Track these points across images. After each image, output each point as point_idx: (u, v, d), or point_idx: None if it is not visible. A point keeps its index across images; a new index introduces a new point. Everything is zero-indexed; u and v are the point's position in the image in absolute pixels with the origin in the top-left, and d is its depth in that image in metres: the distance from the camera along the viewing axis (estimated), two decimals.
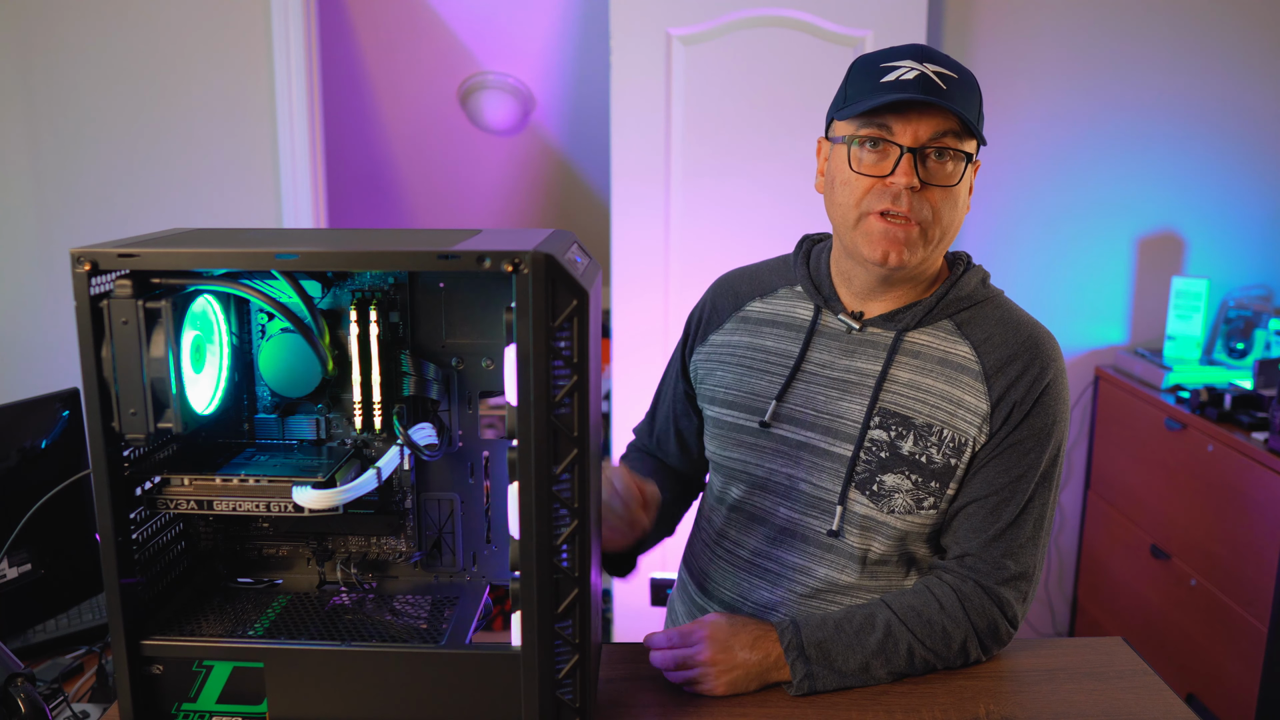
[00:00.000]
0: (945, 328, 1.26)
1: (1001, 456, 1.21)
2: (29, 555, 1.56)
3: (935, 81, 1.15)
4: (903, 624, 1.19)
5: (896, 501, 1.22)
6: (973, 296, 1.27)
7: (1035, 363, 1.22)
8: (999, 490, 1.21)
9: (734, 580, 1.34)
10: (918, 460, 1.22)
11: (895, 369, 1.25)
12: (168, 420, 0.98)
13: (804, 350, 1.30)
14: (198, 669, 1.03)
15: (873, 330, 1.27)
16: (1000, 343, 1.23)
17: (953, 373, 1.23)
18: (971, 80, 1.20)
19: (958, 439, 1.22)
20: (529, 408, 0.93)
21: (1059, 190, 2.90)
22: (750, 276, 1.41)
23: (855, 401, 1.25)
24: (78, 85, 2.71)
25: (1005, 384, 1.21)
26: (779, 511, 1.30)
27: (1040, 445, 1.22)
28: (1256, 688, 2.22)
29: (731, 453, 1.34)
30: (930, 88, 1.14)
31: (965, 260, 1.30)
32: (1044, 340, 1.24)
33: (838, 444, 1.25)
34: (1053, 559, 3.12)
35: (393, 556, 1.19)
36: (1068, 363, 2.99)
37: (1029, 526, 1.22)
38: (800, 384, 1.29)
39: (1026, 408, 1.21)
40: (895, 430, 1.23)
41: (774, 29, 2.70)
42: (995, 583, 1.21)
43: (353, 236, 1.09)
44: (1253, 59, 2.83)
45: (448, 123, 4.02)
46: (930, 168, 1.17)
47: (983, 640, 1.21)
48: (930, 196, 1.17)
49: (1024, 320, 1.26)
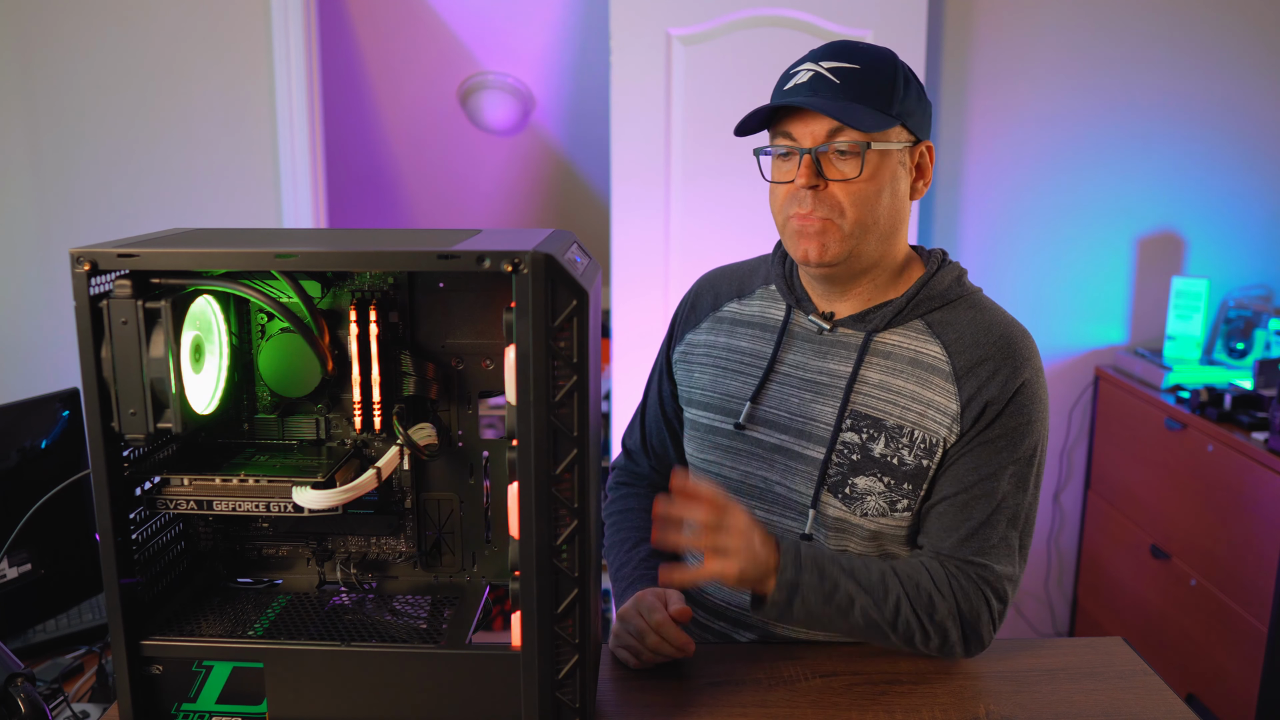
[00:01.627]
0: (916, 327, 1.24)
1: (972, 454, 1.20)
2: (29, 555, 1.56)
3: (828, 79, 1.16)
4: (897, 577, 1.18)
5: (869, 504, 1.22)
6: (945, 295, 1.25)
7: (1007, 363, 1.20)
8: (969, 488, 1.20)
9: (716, 584, 1.34)
10: (889, 462, 1.21)
11: (866, 370, 1.24)
12: (167, 420, 0.98)
13: (776, 351, 1.30)
14: (197, 669, 1.03)
15: (844, 331, 1.27)
16: (971, 343, 1.21)
17: (923, 373, 1.22)
18: (880, 66, 1.18)
19: (929, 440, 1.20)
20: (529, 408, 0.93)
21: (1059, 190, 2.90)
22: (731, 276, 1.41)
23: (827, 404, 1.25)
24: (78, 85, 2.71)
25: (976, 385, 1.20)
26: (754, 514, 1.29)
27: (1012, 445, 1.20)
28: (1256, 688, 2.22)
29: (708, 454, 1.34)
30: (820, 87, 1.16)
31: (940, 258, 1.28)
32: (1017, 340, 1.22)
33: (811, 447, 1.25)
34: (1053, 559, 3.12)
35: (393, 556, 1.19)
36: (1068, 363, 2.99)
37: (1001, 527, 1.20)
38: (774, 385, 1.29)
39: (999, 407, 1.19)
40: (866, 432, 1.22)
41: (774, 29, 2.70)
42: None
43: (353, 236, 1.09)
44: (1253, 59, 2.83)
45: (448, 123, 4.02)
46: (833, 164, 1.18)
47: (964, 623, 1.18)
48: (836, 193, 1.18)
49: (998, 320, 1.24)
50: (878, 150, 1.17)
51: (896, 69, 1.19)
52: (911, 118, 1.20)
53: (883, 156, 1.18)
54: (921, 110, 1.22)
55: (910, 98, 1.20)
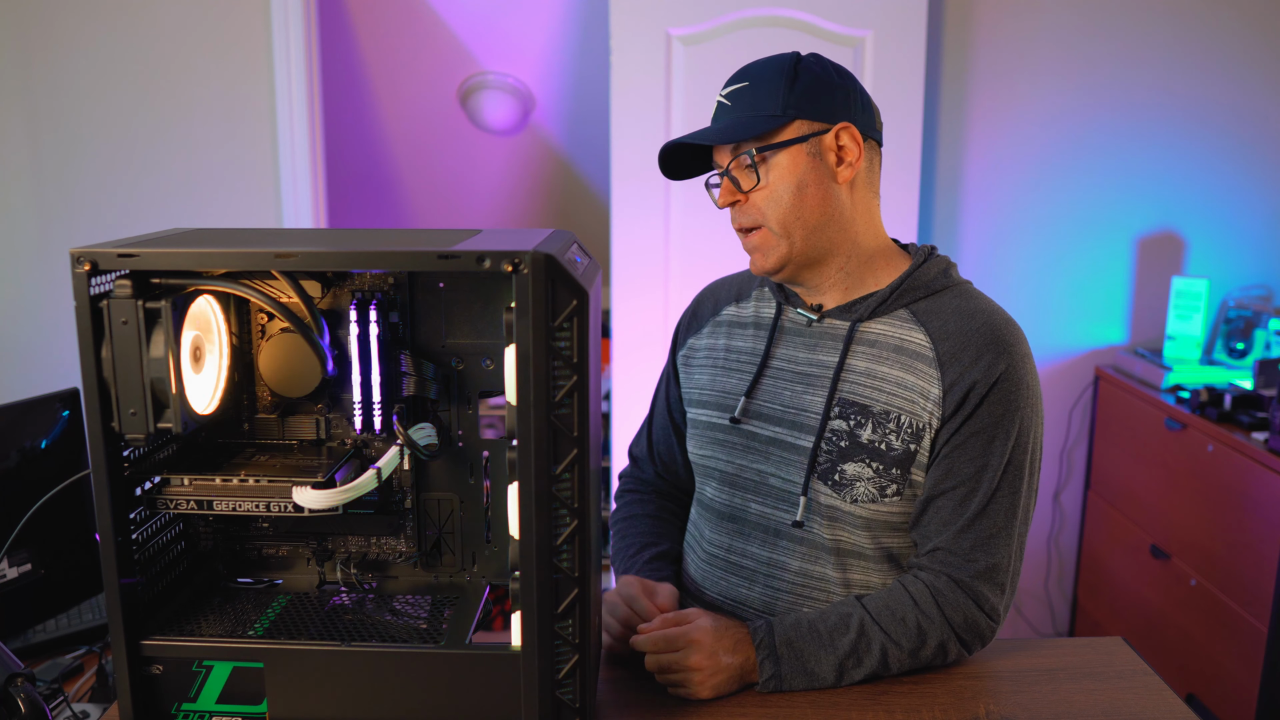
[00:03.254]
0: (902, 316, 1.26)
1: (964, 446, 1.20)
2: (29, 555, 1.56)
3: (724, 104, 1.25)
4: (876, 624, 1.18)
5: (858, 490, 1.23)
6: (930, 285, 1.27)
7: (989, 350, 1.20)
8: (964, 481, 1.20)
9: (714, 580, 1.35)
10: (877, 448, 1.23)
11: (852, 359, 1.26)
12: (168, 420, 0.98)
13: (769, 346, 1.33)
14: (197, 669, 1.03)
15: (831, 322, 1.29)
16: (955, 330, 1.23)
17: (908, 359, 1.23)
18: (766, 73, 1.23)
19: (915, 424, 1.22)
20: (529, 408, 0.93)
21: (1059, 190, 2.90)
22: (729, 283, 1.46)
23: (817, 394, 1.27)
24: (78, 85, 2.71)
25: (958, 370, 1.20)
26: (751, 507, 1.32)
27: (1004, 433, 1.20)
28: (1256, 688, 2.22)
29: (706, 450, 1.37)
30: (718, 115, 1.26)
31: (927, 251, 1.31)
32: (1002, 328, 1.23)
33: (802, 437, 1.27)
34: (1053, 559, 3.12)
35: (393, 556, 1.19)
36: (1067, 363, 2.99)
37: (999, 517, 1.21)
38: (768, 380, 1.32)
39: (981, 394, 1.19)
40: (854, 419, 1.24)
41: (774, 29, 2.70)
42: (969, 576, 1.20)
43: (353, 236, 1.09)
44: (1252, 59, 2.82)
45: (448, 123, 4.02)
46: (741, 178, 1.24)
47: (961, 637, 1.20)
48: (755, 200, 1.24)
49: (983, 309, 1.25)
50: (770, 153, 1.22)
51: (782, 69, 1.22)
52: (809, 108, 1.21)
53: (783, 155, 1.22)
54: (824, 96, 1.22)
55: (800, 90, 1.21)
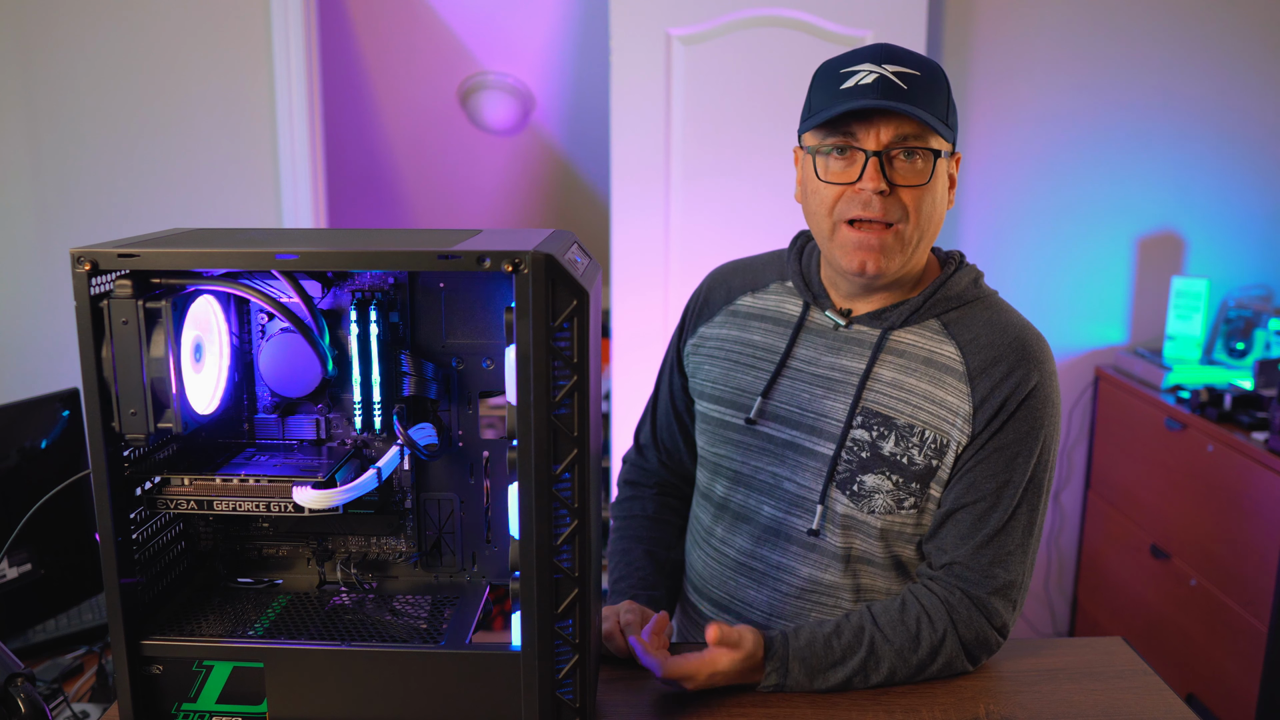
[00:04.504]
0: (932, 327, 1.25)
1: (988, 461, 1.19)
2: (29, 555, 1.56)
3: (895, 83, 1.14)
4: (889, 642, 1.17)
5: (877, 502, 1.22)
6: (962, 296, 1.26)
7: (1021, 365, 1.20)
8: (986, 496, 1.19)
9: (721, 579, 1.34)
10: (899, 461, 1.21)
11: (879, 368, 1.24)
12: (168, 420, 0.98)
13: (790, 346, 1.30)
14: (198, 669, 1.03)
15: (859, 328, 1.27)
16: (986, 344, 1.21)
17: (936, 373, 1.22)
18: (935, 74, 1.18)
19: (939, 440, 1.20)
20: (529, 408, 0.93)
21: (1059, 190, 2.90)
22: (744, 270, 1.41)
23: (839, 400, 1.25)
24: (78, 85, 2.71)
25: (989, 386, 1.20)
26: (763, 510, 1.30)
27: (1028, 450, 1.19)
28: (1256, 688, 2.22)
29: (718, 449, 1.34)
30: (889, 90, 1.14)
31: (958, 260, 1.28)
32: (1032, 343, 1.22)
33: (821, 443, 1.25)
34: (1053, 559, 3.12)
35: (393, 556, 1.19)
36: (1067, 363, 2.99)
37: (1018, 534, 1.20)
38: (786, 380, 1.29)
39: (1011, 410, 1.19)
40: (877, 430, 1.22)
41: (774, 29, 2.70)
42: (985, 592, 1.19)
43: (353, 236, 1.09)
44: (1252, 59, 2.82)
45: (448, 123, 4.02)
46: (898, 168, 1.17)
47: (970, 651, 1.19)
48: (902, 197, 1.17)
49: (1013, 322, 1.24)
50: (942, 157, 1.18)
51: (942, 76, 1.20)
52: (955, 125, 1.21)
53: (946, 161, 1.20)
54: (954, 117, 1.22)
55: (953, 109, 1.21)
